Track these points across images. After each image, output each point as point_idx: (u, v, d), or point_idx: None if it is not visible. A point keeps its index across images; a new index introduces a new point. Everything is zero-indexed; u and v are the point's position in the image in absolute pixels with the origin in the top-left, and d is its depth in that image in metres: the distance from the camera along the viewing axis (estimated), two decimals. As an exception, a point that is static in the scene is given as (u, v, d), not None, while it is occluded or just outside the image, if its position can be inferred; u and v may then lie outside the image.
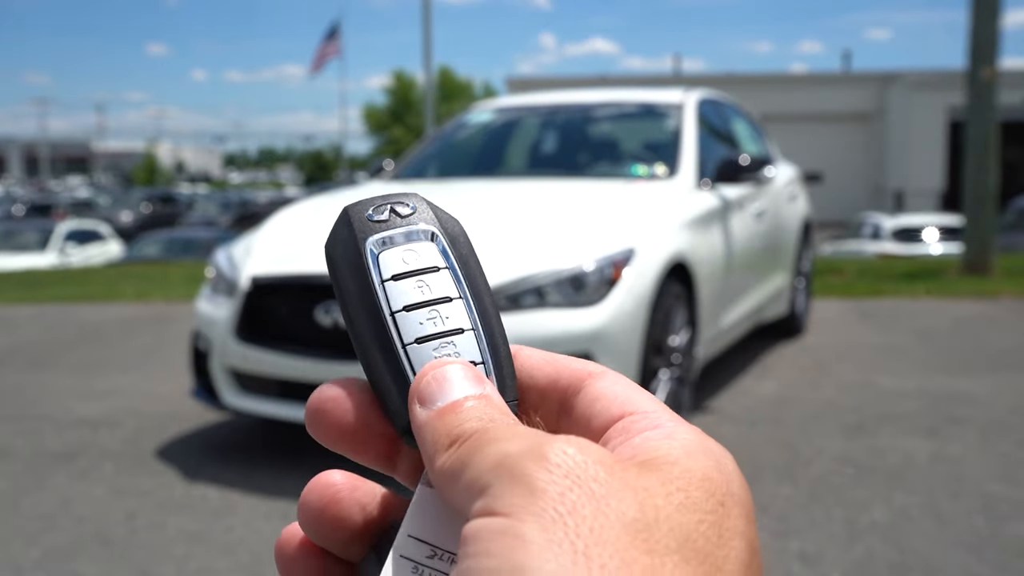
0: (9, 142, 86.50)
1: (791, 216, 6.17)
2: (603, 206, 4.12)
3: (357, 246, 0.41)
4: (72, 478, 3.72)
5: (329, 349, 3.53)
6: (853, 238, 17.55)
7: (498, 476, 0.31)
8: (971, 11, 9.85)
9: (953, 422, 4.29)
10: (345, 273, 0.41)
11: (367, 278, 0.40)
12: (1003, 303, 7.94)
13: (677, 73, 36.67)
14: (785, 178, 6.31)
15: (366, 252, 0.40)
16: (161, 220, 28.39)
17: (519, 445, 0.31)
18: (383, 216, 0.41)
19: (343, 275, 0.41)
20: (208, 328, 3.88)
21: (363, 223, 0.41)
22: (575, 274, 3.49)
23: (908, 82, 28.94)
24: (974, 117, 9.85)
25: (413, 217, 0.42)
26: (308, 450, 4.01)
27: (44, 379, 5.56)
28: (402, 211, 0.42)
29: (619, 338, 3.47)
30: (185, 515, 3.30)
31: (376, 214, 0.41)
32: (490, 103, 6.14)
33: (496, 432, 0.33)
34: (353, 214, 0.42)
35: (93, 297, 9.33)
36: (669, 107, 5.28)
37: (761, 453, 3.86)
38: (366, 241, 0.41)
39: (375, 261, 0.40)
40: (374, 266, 0.40)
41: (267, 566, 2.88)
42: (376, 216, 0.41)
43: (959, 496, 3.35)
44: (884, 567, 2.79)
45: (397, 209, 0.42)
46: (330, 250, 0.42)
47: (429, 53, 15.65)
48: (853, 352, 5.92)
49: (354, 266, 0.41)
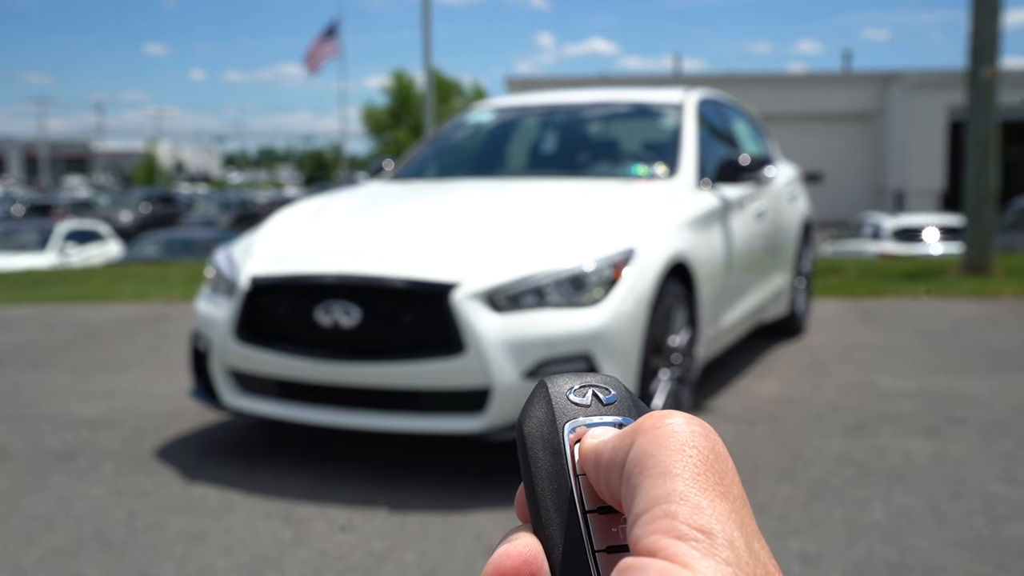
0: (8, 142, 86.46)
1: (791, 216, 6.16)
2: (603, 206, 4.11)
3: (555, 426, 0.40)
4: (71, 478, 3.72)
5: (329, 349, 3.53)
6: (853, 238, 17.54)
7: None
8: (971, 11, 9.84)
9: (953, 422, 4.29)
10: (538, 451, 0.40)
11: (563, 464, 0.40)
12: (1003, 303, 7.94)
13: (677, 73, 36.65)
14: (785, 178, 6.30)
15: (564, 436, 0.40)
16: (161, 220, 28.37)
17: None
18: (584, 400, 0.41)
19: (536, 452, 0.40)
20: (208, 328, 3.87)
21: (563, 403, 0.41)
22: (575, 274, 3.49)
23: (908, 82, 28.92)
24: (974, 117, 9.84)
25: (614, 407, 0.41)
26: (308, 450, 4.01)
27: (44, 379, 5.55)
28: (604, 397, 0.42)
29: (619, 338, 3.47)
30: (185, 515, 3.30)
31: (577, 396, 0.41)
32: (490, 103, 6.14)
33: None
34: (553, 391, 0.41)
35: (93, 297, 9.33)
36: (669, 107, 5.27)
37: (761, 453, 3.86)
38: (565, 425, 0.40)
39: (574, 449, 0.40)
40: (573, 455, 0.40)
41: (267, 566, 2.88)
42: (577, 399, 0.41)
43: (959, 496, 3.35)
44: (884, 567, 2.78)
45: (599, 394, 0.42)
46: (524, 423, 0.41)
47: (428, 53, 15.65)
48: (853, 352, 5.92)
49: (550, 447, 0.40)
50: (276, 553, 2.97)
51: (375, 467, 3.75)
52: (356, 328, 3.48)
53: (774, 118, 21.30)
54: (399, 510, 3.29)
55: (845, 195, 29.38)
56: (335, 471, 3.72)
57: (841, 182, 30.31)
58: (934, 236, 15.87)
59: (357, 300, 3.49)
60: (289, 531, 3.14)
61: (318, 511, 3.31)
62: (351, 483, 3.57)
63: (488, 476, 3.62)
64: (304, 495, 3.46)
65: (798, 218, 6.32)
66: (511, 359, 3.32)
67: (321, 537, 3.09)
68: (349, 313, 3.48)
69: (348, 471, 3.71)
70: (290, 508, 3.34)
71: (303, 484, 3.58)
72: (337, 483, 3.58)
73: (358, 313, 3.47)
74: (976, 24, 9.80)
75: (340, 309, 3.49)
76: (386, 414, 3.50)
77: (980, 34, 9.77)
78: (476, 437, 3.42)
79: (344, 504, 3.36)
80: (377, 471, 3.70)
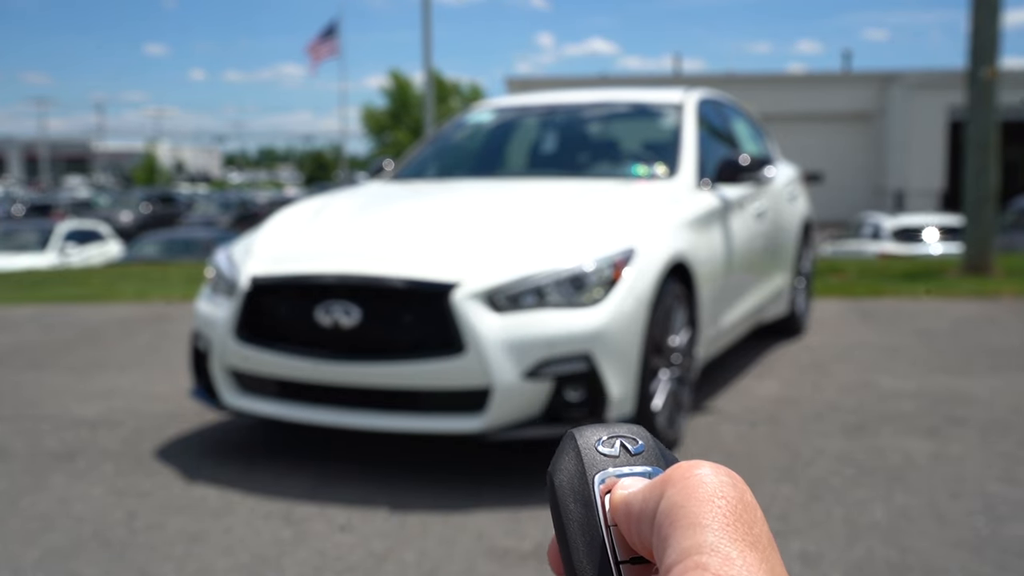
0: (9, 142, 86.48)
1: (791, 216, 6.16)
2: (603, 206, 4.11)
3: (585, 478, 0.41)
4: (71, 478, 3.72)
5: (329, 349, 3.53)
6: (853, 238, 17.54)
7: None
8: (971, 11, 9.84)
9: (953, 422, 4.29)
10: (569, 503, 0.41)
11: (594, 515, 0.40)
12: (1003, 303, 7.94)
13: (677, 73, 36.64)
14: (785, 178, 6.30)
15: (595, 488, 0.41)
16: (161, 220, 28.37)
17: None
18: (613, 450, 0.42)
19: (567, 504, 0.41)
20: (208, 328, 3.87)
21: (592, 455, 0.42)
22: (575, 274, 3.49)
23: (908, 82, 28.93)
24: (974, 117, 9.84)
25: (642, 456, 0.42)
26: (308, 450, 4.01)
27: (44, 379, 5.55)
28: (632, 447, 0.42)
29: (619, 338, 3.47)
30: (185, 515, 3.30)
31: (606, 447, 0.42)
32: (490, 103, 6.13)
33: None
34: (581, 442, 0.42)
35: (93, 297, 9.33)
36: (669, 107, 5.27)
37: (761, 453, 3.86)
38: (595, 476, 0.41)
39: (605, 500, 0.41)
40: (604, 506, 0.41)
41: (267, 566, 2.88)
42: (605, 450, 0.42)
43: (959, 496, 3.35)
44: (884, 567, 2.79)
45: (627, 445, 0.42)
46: (555, 475, 0.42)
47: (428, 53, 15.65)
48: (853, 352, 5.92)
49: (581, 498, 0.41)
50: (276, 553, 2.97)
51: (375, 467, 3.75)
52: (356, 328, 3.48)
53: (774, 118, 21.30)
54: (399, 510, 3.29)
55: (845, 195, 29.38)
56: (335, 471, 3.72)
57: (841, 182, 30.31)
58: (934, 236, 15.87)
59: (357, 300, 3.49)
60: (289, 531, 3.14)
61: (318, 511, 3.31)
62: (351, 483, 3.57)
63: (488, 476, 3.62)
64: (304, 495, 3.46)
65: (798, 218, 6.32)
66: (511, 359, 3.32)
67: (321, 537, 3.09)
68: (349, 313, 3.48)
69: (348, 471, 3.71)
70: (290, 508, 3.34)
71: (303, 484, 3.58)
72: (337, 483, 3.58)
73: (358, 313, 3.47)
74: (976, 24, 9.80)
75: (340, 309, 3.49)
76: (386, 414, 3.50)
77: (980, 34, 9.77)
78: (476, 437, 3.42)
79: (344, 504, 3.36)
80: (377, 471, 3.71)
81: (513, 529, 3.11)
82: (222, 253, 4.16)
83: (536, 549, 2.96)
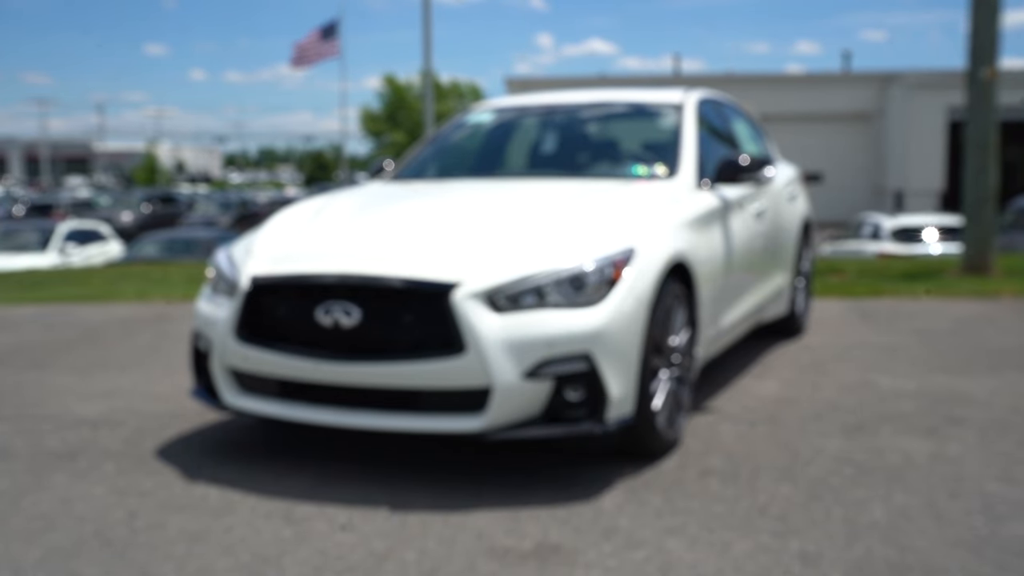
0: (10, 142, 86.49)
1: (791, 216, 6.17)
2: (603, 206, 4.12)
3: None
4: (72, 478, 3.73)
5: (329, 349, 3.53)
6: (853, 238, 17.55)
7: None
8: (971, 11, 9.85)
9: (953, 422, 4.30)
10: None
11: None
12: (1003, 303, 7.95)
13: (677, 73, 36.65)
14: (785, 178, 6.31)
15: None
16: (161, 220, 28.39)
17: None
18: None
19: None
20: (208, 328, 3.88)
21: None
22: (575, 274, 3.49)
23: (908, 82, 28.92)
24: (974, 117, 9.85)
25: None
26: (308, 450, 4.01)
27: (44, 379, 5.56)
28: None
29: (619, 338, 3.48)
30: (185, 515, 3.31)
31: None
32: (490, 103, 6.14)
33: None
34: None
35: (93, 297, 9.34)
36: (669, 107, 5.28)
37: (761, 453, 3.86)
38: None
39: None
40: None
41: (267, 565, 2.89)
42: None
43: (959, 496, 3.36)
44: (884, 567, 2.79)
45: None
46: None
47: (429, 54, 15.66)
48: (853, 352, 5.92)
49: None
50: (277, 552, 2.98)
51: (376, 466, 3.76)
52: (356, 328, 3.48)
53: (774, 118, 21.29)
54: (400, 509, 3.30)
55: (845, 195, 29.39)
56: (336, 470, 3.72)
57: (841, 182, 30.32)
58: (933, 236, 15.88)
59: (357, 300, 3.50)
60: (290, 530, 3.15)
61: (319, 510, 3.31)
62: (352, 482, 3.58)
63: (488, 476, 3.63)
64: (305, 494, 3.47)
65: (798, 218, 6.33)
66: (511, 359, 3.33)
67: (322, 536, 3.09)
68: (349, 313, 3.48)
69: (349, 470, 3.72)
70: (291, 507, 3.35)
71: (304, 483, 3.59)
72: (338, 482, 3.58)
73: (358, 313, 3.48)
74: (975, 24, 9.80)
75: (340, 309, 3.50)
76: (386, 414, 3.51)
77: (979, 34, 9.77)
78: (476, 437, 3.43)
79: (345, 503, 3.37)
80: (378, 470, 3.71)
81: (513, 529, 3.12)
82: (222, 253, 4.17)
83: (536, 549, 2.96)
